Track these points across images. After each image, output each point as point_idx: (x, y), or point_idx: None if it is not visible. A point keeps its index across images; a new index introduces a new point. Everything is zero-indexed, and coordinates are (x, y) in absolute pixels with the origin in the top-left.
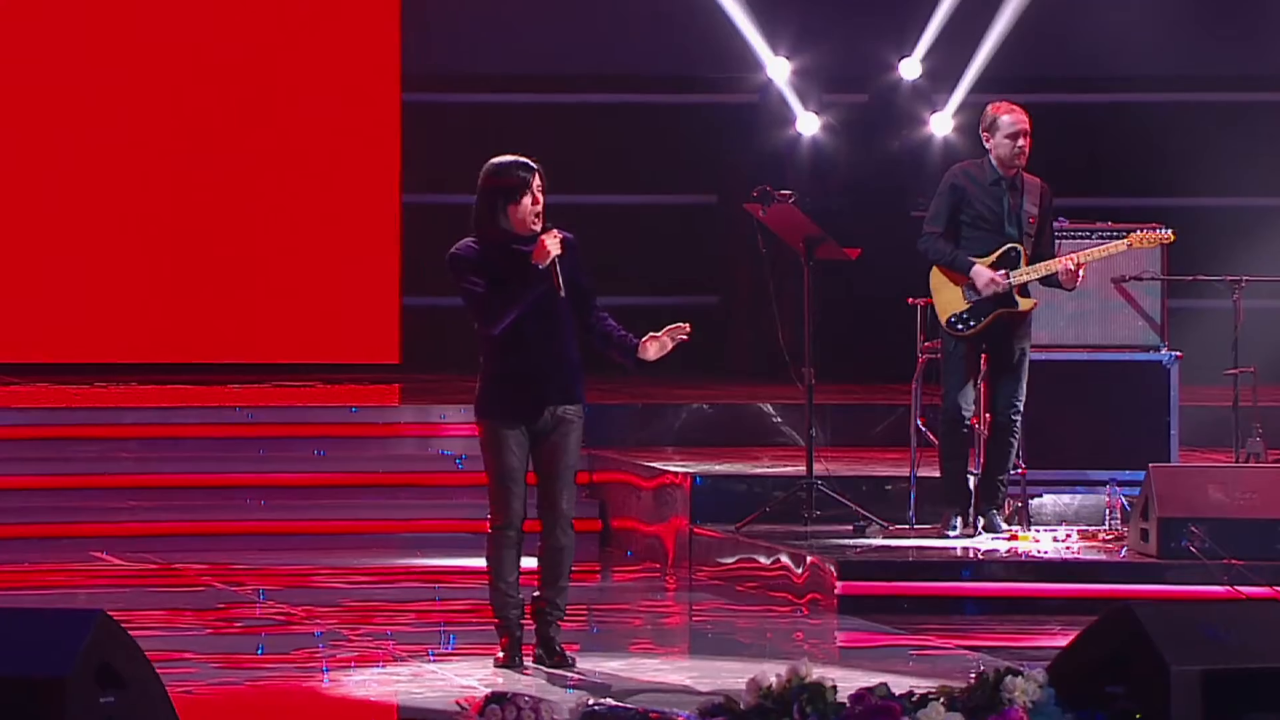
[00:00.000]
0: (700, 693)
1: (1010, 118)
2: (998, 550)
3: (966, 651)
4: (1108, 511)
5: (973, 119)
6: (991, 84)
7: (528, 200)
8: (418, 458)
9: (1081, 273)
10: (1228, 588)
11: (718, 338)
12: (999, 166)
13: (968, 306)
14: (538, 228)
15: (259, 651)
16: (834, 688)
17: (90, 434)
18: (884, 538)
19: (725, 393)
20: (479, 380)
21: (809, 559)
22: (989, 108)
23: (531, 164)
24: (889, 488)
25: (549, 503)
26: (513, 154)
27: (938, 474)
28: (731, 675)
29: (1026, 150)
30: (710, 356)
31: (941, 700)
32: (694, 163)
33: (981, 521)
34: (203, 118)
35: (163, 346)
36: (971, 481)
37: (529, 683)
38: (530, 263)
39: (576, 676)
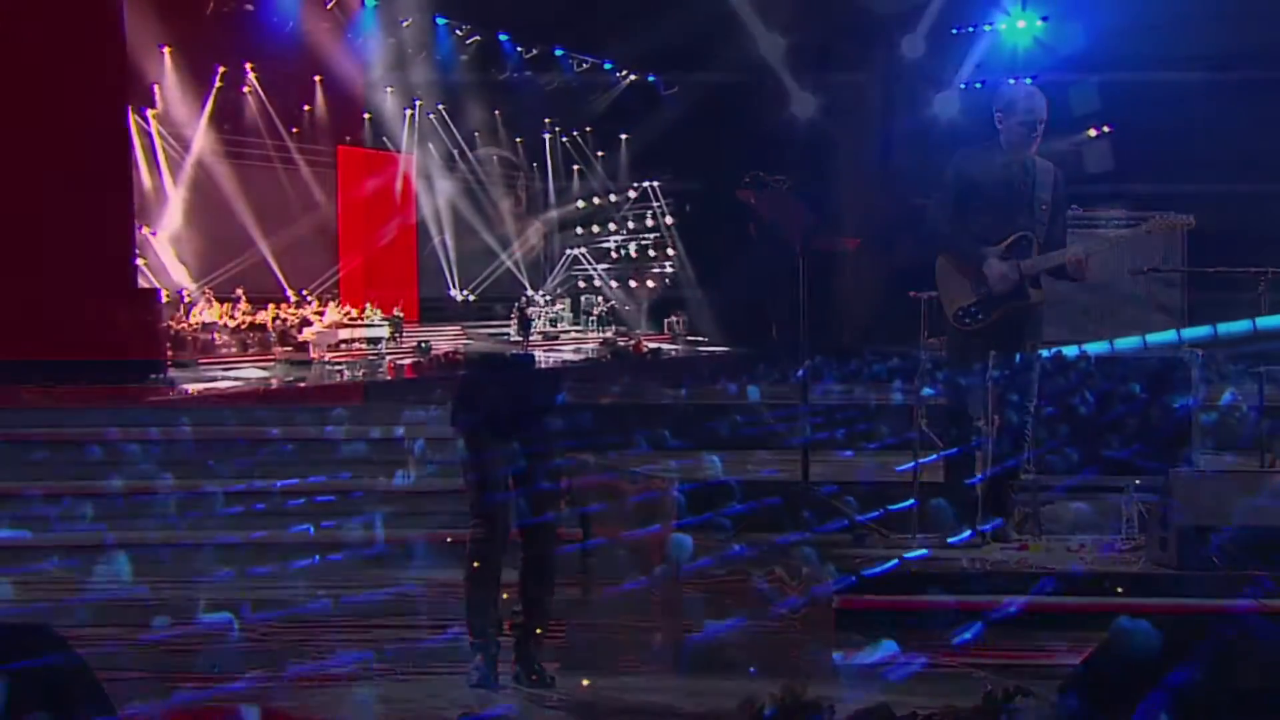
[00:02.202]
0: (689, 713)
1: (1026, 104)
2: (1007, 561)
3: (973, 669)
4: (1124, 519)
5: (981, 101)
6: (1001, 63)
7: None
8: (387, 462)
9: (1090, 262)
10: (1252, 600)
11: (710, 331)
12: (1008, 149)
13: (976, 299)
14: None
15: (215, 670)
16: (831, 708)
17: (43, 437)
18: (884, 547)
19: (715, 392)
20: (457, 389)
21: (804, 570)
22: (1004, 87)
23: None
24: (890, 493)
25: (534, 513)
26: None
27: (942, 478)
28: (722, 695)
29: (1039, 140)
30: (700, 351)
31: None
32: (683, 145)
33: (989, 530)
34: None
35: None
36: (979, 487)
37: (506, 703)
38: None
39: (557, 696)
